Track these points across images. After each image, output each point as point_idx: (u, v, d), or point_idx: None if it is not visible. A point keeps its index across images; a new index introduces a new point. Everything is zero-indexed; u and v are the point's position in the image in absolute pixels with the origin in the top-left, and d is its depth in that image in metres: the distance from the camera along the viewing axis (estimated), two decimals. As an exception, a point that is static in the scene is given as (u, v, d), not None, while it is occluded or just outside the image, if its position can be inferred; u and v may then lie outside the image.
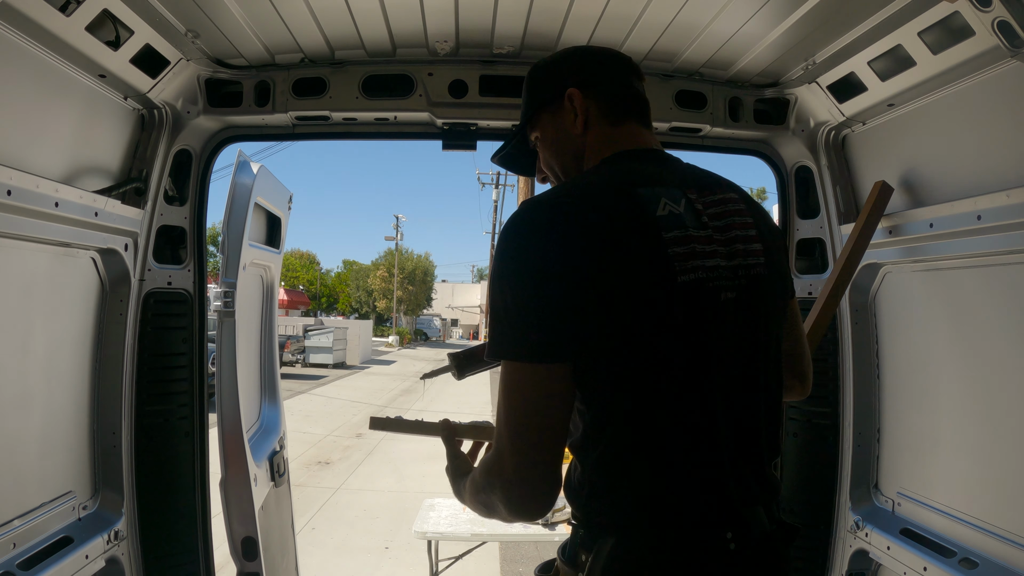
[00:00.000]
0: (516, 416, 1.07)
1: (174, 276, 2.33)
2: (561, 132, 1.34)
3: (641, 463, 1.12)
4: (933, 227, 1.89)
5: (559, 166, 1.37)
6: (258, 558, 2.62)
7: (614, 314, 1.09)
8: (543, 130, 1.38)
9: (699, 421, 1.14)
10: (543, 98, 1.38)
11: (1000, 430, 1.79)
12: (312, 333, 27.70)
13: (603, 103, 1.33)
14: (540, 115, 1.38)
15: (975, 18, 1.51)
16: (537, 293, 1.08)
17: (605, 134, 1.32)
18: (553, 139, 1.36)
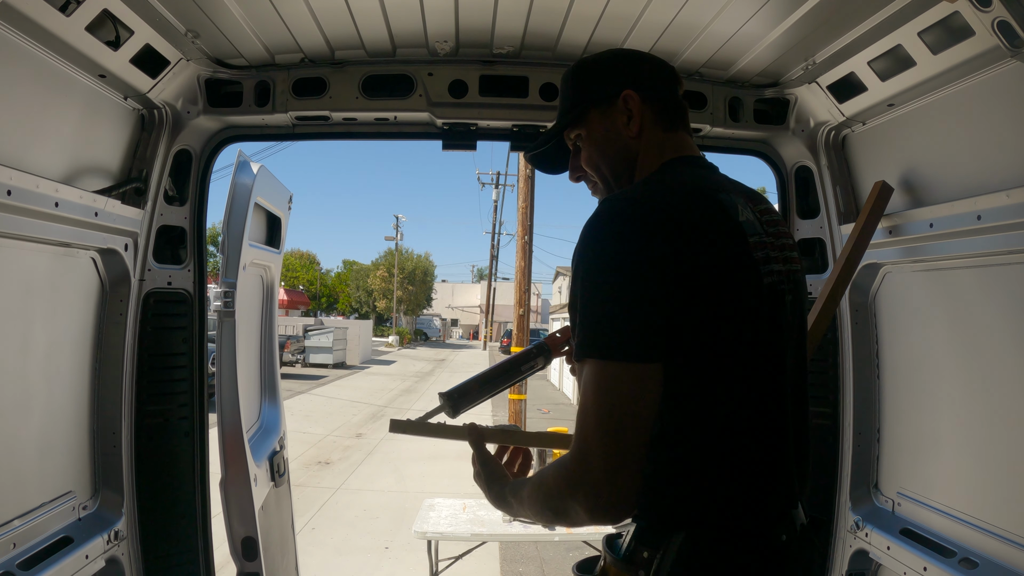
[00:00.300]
0: (608, 418, 1.05)
1: (174, 276, 2.33)
2: (612, 132, 1.33)
3: (720, 461, 1.12)
4: (933, 227, 1.89)
5: (607, 166, 1.35)
6: (258, 558, 2.62)
7: (708, 314, 1.09)
8: (591, 129, 1.35)
9: (775, 421, 1.18)
10: (594, 96, 1.35)
11: (1000, 430, 1.79)
12: (312, 333, 27.71)
13: (658, 108, 1.33)
14: (588, 113, 1.35)
15: (975, 18, 1.51)
16: (636, 289, 1.07)
17: (659, 139, 1.32)
18: (602, 139, 1.34)
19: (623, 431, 1.05)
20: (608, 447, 1.05)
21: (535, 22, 2.02)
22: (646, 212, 1.12)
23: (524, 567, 6.58)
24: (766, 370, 1.17)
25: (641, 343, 1.06)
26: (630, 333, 1.06)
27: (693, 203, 1.16)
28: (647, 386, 1.06)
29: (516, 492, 1.31)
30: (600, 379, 1.06)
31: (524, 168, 13.10)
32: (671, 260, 1.08)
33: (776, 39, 1.98)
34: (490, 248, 41.94)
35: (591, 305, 1.09)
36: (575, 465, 1.09)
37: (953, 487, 1.96)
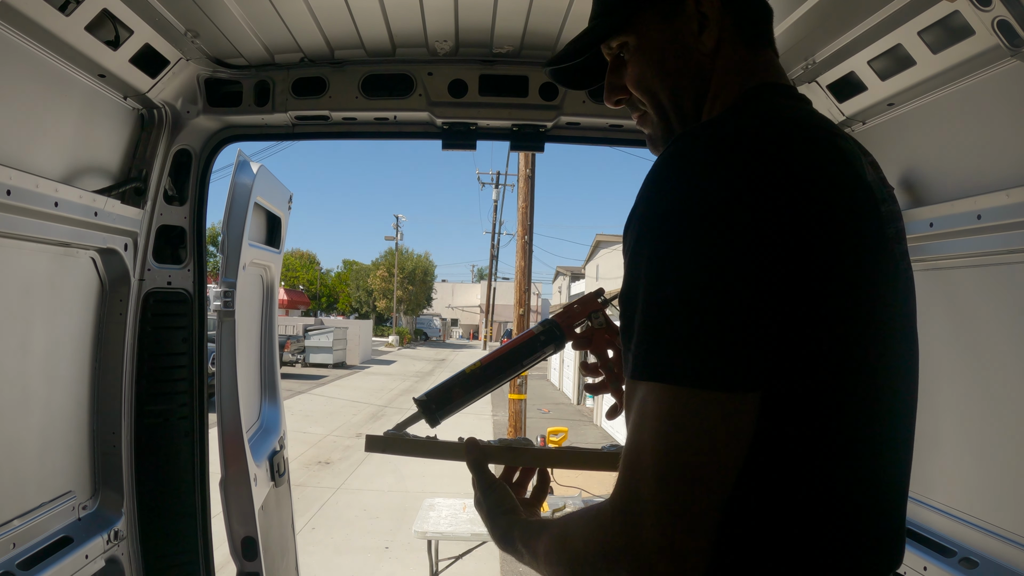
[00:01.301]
0: (676, 466, 0.71)
1: (174, 276, 2.33)
2: (677, 44, 0.98)
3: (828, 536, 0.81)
4: (933, 227, 1.89)
5: (666, 90, 1.00)
6: (258, 558, 2.62)
7: (835, 319, 0.78)
8: (645, 37, 0.99)
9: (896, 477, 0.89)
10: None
11: (1000, 430, 1.79)
12: (312, 333, 27.75)
13: (742, 15, 0.99)
14: (642, 15, 0.99)
15: (975, 17, 1.51)
16: (738, 281, 0.72)
17: (741, 59, 0.98)
18: (662, 51, 0.99)
19: (695, 487, 0.72)
20: (671, 507, 0.71)
21: (535, 22, 2.02)
22: (752, 159, 0.77)
23: (524, 567, 6.58)
24: (894, 403, 0.86)
25: (738, 363, 0.72)
26: (724, 348, 0.72)
27: (812, 150, 0.82)
28: (738, 425, 0.73)
29: (529, 541, 0.99)
30: (671, 411, 0.72)
31: (524, 168, 13.09)
32: (789, 237, 0.74)
33: (776, 38, 1.98)
34: (490, 248, 41.99)
35: (663, 302, 0.74)
36: (619, 527, 0.74)
37: (953, 486, 1.96)
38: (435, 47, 2.19)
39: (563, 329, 1.27)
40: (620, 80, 1.04)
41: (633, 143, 2.53)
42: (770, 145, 0.79)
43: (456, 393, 1.27)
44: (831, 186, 0.80)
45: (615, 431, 14.18)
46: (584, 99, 2.29)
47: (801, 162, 0.79)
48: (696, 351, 0.72)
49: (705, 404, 0.72)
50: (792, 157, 0.79)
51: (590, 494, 5.70)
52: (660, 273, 0.74)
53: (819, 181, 0.79)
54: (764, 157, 0.77)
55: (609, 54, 1.06)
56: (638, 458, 0.74)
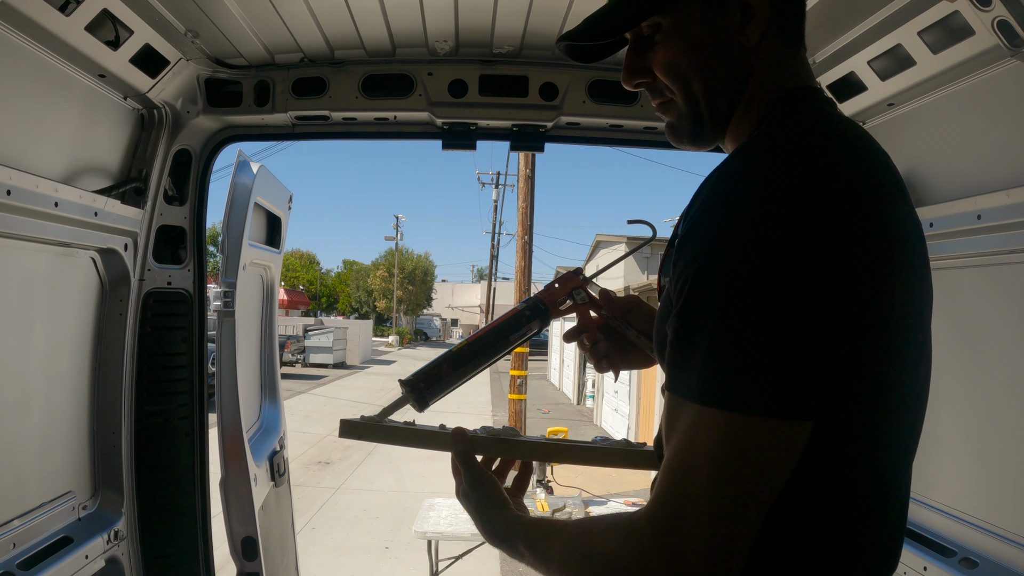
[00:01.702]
0: (731, 490, 0.72)
1: (174, 276, 2.33)
2: (718, 33, 0.92)
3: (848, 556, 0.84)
4: (933, 227, 1.89)
5: (702, 79, 0.94)
6: (258, 558, 2.62)
7: (884, 352, 0.78)
8: (683, 20, 0.93)
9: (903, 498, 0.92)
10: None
11: (1000, 429, 1.79)
12: (312, 333, 27.76)
13: (787, 13, 0.94)
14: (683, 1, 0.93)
15: (975, 17, 1.51)
16: (807, 319, 0.72)
17: (781, 58, 0.94)
18: (700, 38, 0.93)
19: (743, 510, 0.72)
20: (717, 529, 0.72)
21: (535, 21, 2.02)
22: (836, 183, 0.76)
23: (525, 567, 6.58)
24: (916, 412, 0.88)
25: (802, 394, 0.72)
26: (792, 380, 0.72)
27: (880, 174, 0.82)
28: (792, 453, 0.74)
29: (536, 544, 0.95)
30: (733, 438, 0.72)
31: (524, 168, 13.10)
32: (860, 279, 0.75)
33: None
34: (490, 248, 42.00)
35: (734, 331, 0.73)
36: (660, 544, 0.73)
37: (953, 486, 1.96)
38: (435, 47, 2.19)
39: (547, 304, 1.27)
40: (645, 62, 0.97)
41: (633, 143, 2.52)
42: (852, 172, 0.78)
43: (445, 371, 1.21)
44: (896, 216, 0.81)
45: (615, 431, 14.19)
46: (584, 99, 2.29)
47: (874, 190, 0.79)
48: (765, 381, 0.72)
49: (768, 432, 0.72)
50: (868, 186, 0.79)
51: (590, 494, 5.70)
52: (734, 302, 0.73)
53: (890, 211, 0.80)
54: (850, 186, 0.77)
55: (634, 32, 0.98)
56: (686, 477, 0.73)
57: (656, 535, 0.74)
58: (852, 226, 0.75)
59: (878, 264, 0.76)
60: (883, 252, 0.77)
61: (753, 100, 0.95)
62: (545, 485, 5.36)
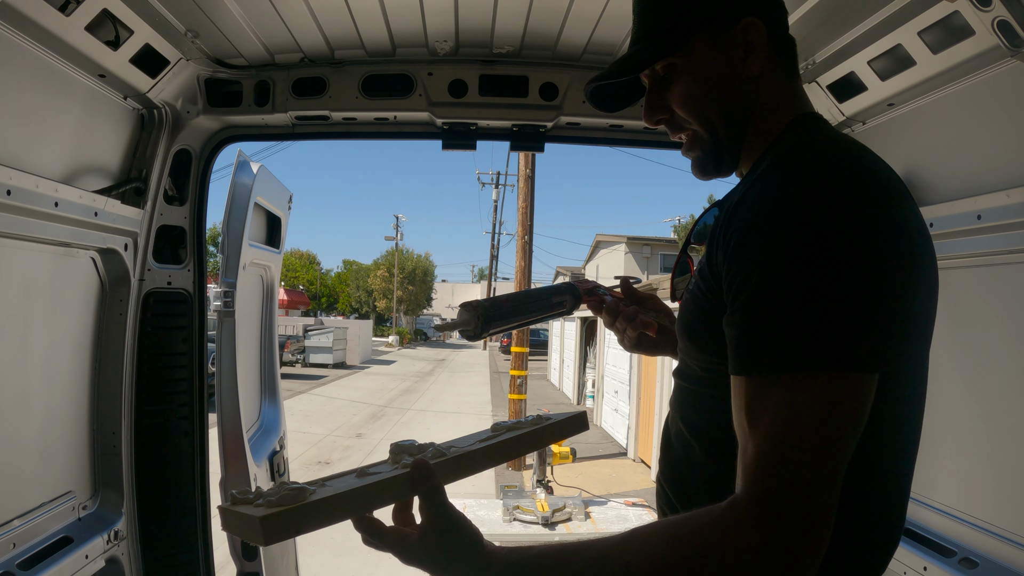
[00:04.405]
0: (837, 449, 0.78)
1: (174, 276, 2.33)
2: (725, 68, 1.04)
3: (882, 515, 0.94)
4: (933, 227, 1.89)
5: (717, 108, 1.05)
6: (258, 558, 2.62)
7: (923, 302, 0.92)
8: (695, 60, 1.05)
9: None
10: (704, 16, 1.05)
11: (1000, 430, 1.79)
12: (312, 333, 27.74)
13: (781, 47, 1.07)
14: (692, 38, 1.05)
15: (975, 18, 1.51)
16: (885, 278, 0.83)
17: (783, 87, 1.07)
18: (711, 73, 1.05)
19: (839, 468, 0.79)
20: (825, 490, 0.77)
21: (535, 22, 2.02)
22: (886, 183, 0.89)
23: (524, 567, 6.57)
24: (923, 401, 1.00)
25: (877, 347, 0.81)
26: (869, 333, 0.81)
27: (896, 175, 0.95)
28: (868, 407, 0.82)
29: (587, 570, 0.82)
30: (830, 396, 0.78)
31: (524, 168, 13.10)
32: (915, 235, 0.88)
33: (776, 39, 1.98)
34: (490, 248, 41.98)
35: (813, 297, 0.79)
36: (775, 516, 0.76)
37: (953, 487, 1.96)
38: (435, 47, 2.19)
39: (580, 289, 1.37)
40: (663, 100, 1.09)
41: (633, 143, 2.52)
42: (892, 179, 0.91)
43: (506, 308, 1.22)
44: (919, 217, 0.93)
45: (615, 431, 14.18)
46: (584, 99, 2.29)
47: (907, 197, 0.92)
48: (857, 338, 0.79)
49: (862, 386, 0.80)
50: (904, 190, 0.92)
51: (590, 494, 5.70)
52: (810, 277, 0.80)
53: (914, 212, 0.92)
54: (891, 176, 0.91)
55: (649, 75, 1.11)
56: (789, 448, 0.77)
57: (768, 513, 0.76)
58: (892, 211, 0.86)
59: (912, 245, 0.87)
60: (914, 236, 0.88)
61: (760, 126, 1.06)
62: (545, 485, 5.36)
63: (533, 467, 5.46)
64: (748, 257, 0.85)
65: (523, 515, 4.94)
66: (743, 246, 0.86)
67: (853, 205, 0.83)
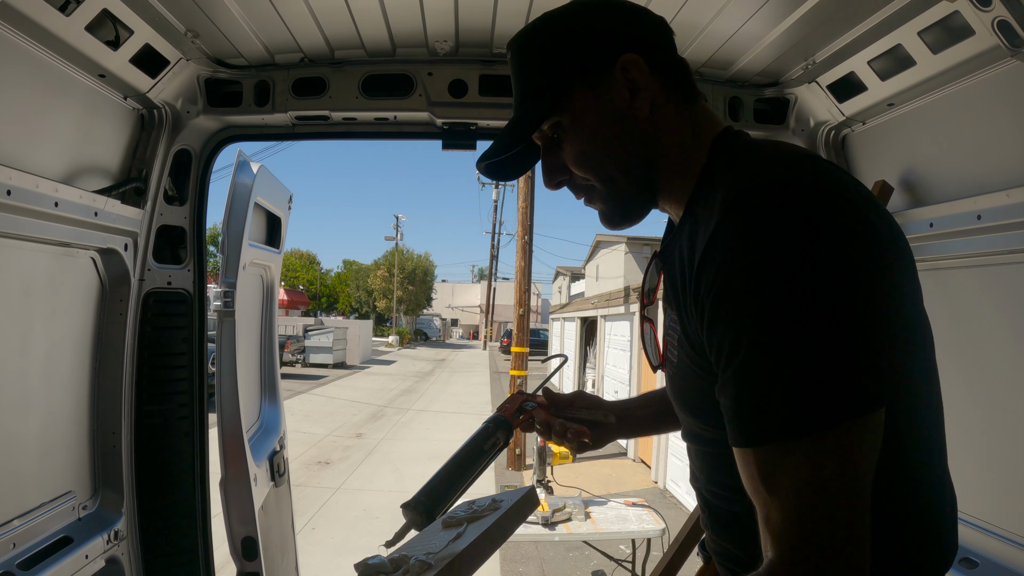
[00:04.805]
0: (860, 490, 0.76)
1: (174, 276, 2.34)
2: (612, 114, 0.97)
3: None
4: (933, 227, 1.89)
5: (611, 159, 0.99)
6: (258, 558, 2.62)
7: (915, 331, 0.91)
8: (580, 114, 0.98)
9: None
10: (576, 65, 0.97)
11: (1000, 430, 1.79)
12: (312, 333, 27.74)
13: (669, 76, 0.99)
14: (571, 92, 0.98)
15: (975, 18, 1.51)
16: (872, 303, 0.78)
17: (685, 115, 1.00)
18: (597, 124, 0.98)
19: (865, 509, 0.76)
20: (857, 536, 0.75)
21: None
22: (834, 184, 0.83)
23: (524, 567, 6.58)
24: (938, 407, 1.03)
25: (877, 381, 0.78)
26: (872, 370, 0.78)
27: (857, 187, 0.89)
28: (879, 438, 0.79)
29: None
30: (850, 448, 0.76)
31: (524, 168, 13.06)
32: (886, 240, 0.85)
33: (776, 39, 1.98)
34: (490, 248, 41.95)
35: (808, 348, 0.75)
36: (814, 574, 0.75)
37: (953, 487, 1.96)
38: (435, 47, 2.19)
39: (506, 417, 1.38)
40: (559, 161, 1.03)
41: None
42: (847, 185, 0.85)
43: (440, 486, 1.26)
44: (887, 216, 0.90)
45: (615, 431, 14.15)
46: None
47: (866, 196, 0.87)
48: (853, 384, 0.76)
49: (863, 429, 0.76)
50: (860, 191, 0.87)
51: (590, 494, 5.70)
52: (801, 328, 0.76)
53: (878, 208, 0.88)
54: (854, 198, 0.82)
55: (540, 137, 1.03)
56: (819, 508, 0.75)
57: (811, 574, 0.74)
58: (860, 225, 0.81)
59: (885, 251, 0.84)
60: (886, 242, 0.85)
61: (676, 163, 0.99)
62: (545, 485, 5.36)
63: (533, 467, 5.45)
64: (730, 322, 0.80)
65: (523, 515, 4.94)
66: (721, 310, 0.81)
67: (822, 240, 0.77)
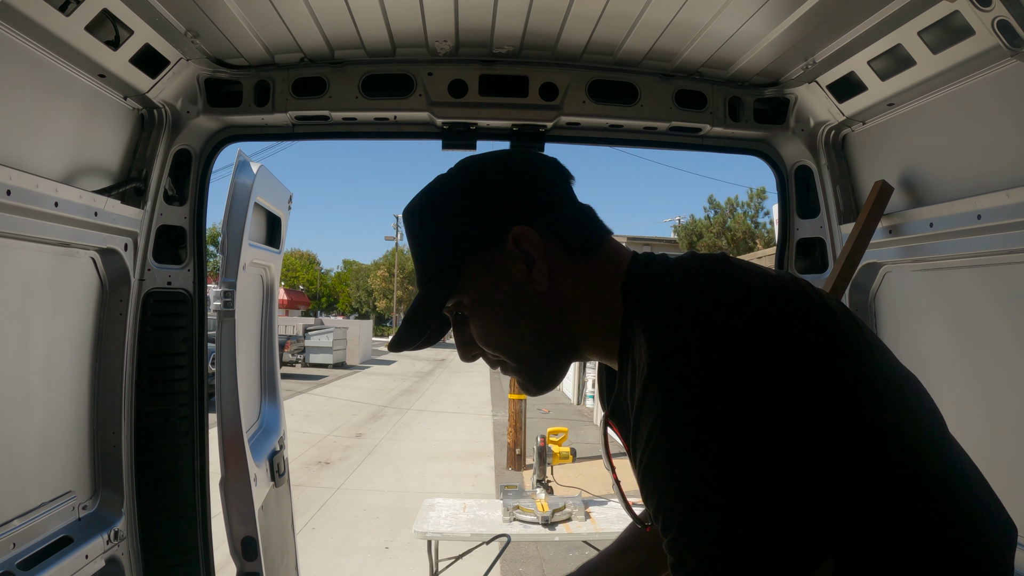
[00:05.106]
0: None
1: (174, 276, 2.33)
2: (510, 290, 0.94)
3: None
4: (933, 227, 1.89)
5: (515, 336, 0.96)
6: (258, 558, 2.62)
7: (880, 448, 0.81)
8: (479, 293, 0.95)
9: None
10: (468, 246, 0.95)
11: (1000, 430, 1.79)
12: (312, 333, 27.76)
13: (566, 236, 0.95)
14: (466, 272, 0.95)
15: (975, 17, 1.51)
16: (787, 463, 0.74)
17: (590, 268, 0.95)
18: (498, 302, 0.95)
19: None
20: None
21: (535, 21, 2.02)
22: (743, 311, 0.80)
23: (524, 567, 6.59)
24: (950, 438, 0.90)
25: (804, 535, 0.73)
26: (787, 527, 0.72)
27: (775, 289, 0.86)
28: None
29: None
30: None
31: (524, 168, 13.07)
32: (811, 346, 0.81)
33: (776, 39, 1.98)
34: (490, 248, 41.78)
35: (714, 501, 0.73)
36: None
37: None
38: (435, 47, 2.19)
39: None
40: (468, 336, 1.00)
41: (633, 143, 2.53)
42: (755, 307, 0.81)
43: None
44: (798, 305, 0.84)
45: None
46: (584, 99, 2.29)
47: (775, 301, 0.83)
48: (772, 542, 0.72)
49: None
50: (766, 295, 0.83)
51: (590, 493, 5.70)
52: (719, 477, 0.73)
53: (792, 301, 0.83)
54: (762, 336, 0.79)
55: (449, 312, 1.01)
56: None
57: None
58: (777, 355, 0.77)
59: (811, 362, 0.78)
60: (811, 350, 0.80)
61: (588, 320, 0.95)
62: (545, 485, 5.36)
63: (533, 467, 5.45)
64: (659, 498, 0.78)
65: (523, 515, 4.94)
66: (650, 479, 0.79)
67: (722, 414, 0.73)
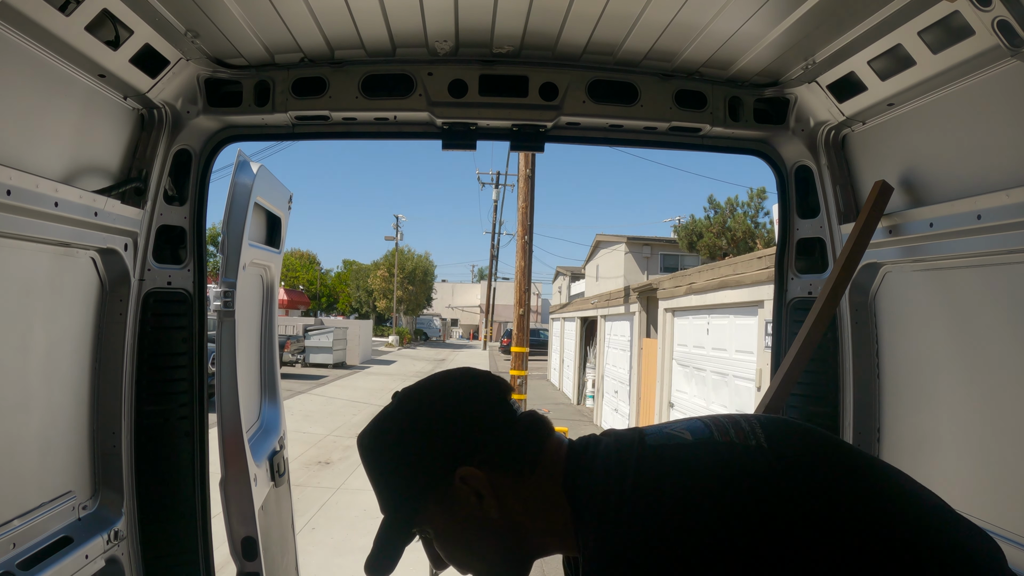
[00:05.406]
0: None
1: (174, 276, 2.33)
2: (466, 522, 1.04)
3: None
4: (933, 227, 1.89)
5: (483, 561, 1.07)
6: (258, 558, 2.61)
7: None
8: (438, 524, 1.06)
9: None
10: (420, 486, 1.04)
11: (1000, 430, 1.79)
12: (312, 333, 27.76)
13: (509, 464, 1.03)
14: (423, 508, 1.05)
15: (975, 17, 1.51)
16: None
17: (538, 483, 1.03)
18: (458, 533, 1.06)
19: None
20: None
21: (535, 21, 2.02)
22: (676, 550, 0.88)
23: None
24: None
25: None
26: None
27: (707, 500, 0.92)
28: None
29: None
30: None
31: (524, 168, 13.11)
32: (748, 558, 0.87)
33: (776, 39, 1.98)
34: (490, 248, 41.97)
35: None
36: None
37: (953, 487, 1.96)
38: (435, 47, 2.19)
39: None
40: (436, 552, 1.11)
41: (633, 143, 2.53)
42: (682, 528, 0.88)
43: None
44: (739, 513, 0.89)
45: (615, 431, 14.16)
46: (584, 99, 2.29)
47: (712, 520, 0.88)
48: None
49: None
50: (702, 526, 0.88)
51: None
52: None
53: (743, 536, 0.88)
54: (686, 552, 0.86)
55: (418, 533, 1.10)
56: None
57: None
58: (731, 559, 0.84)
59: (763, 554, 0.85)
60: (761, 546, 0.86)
61: (542, 531, 1.04)
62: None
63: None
64: None
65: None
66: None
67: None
